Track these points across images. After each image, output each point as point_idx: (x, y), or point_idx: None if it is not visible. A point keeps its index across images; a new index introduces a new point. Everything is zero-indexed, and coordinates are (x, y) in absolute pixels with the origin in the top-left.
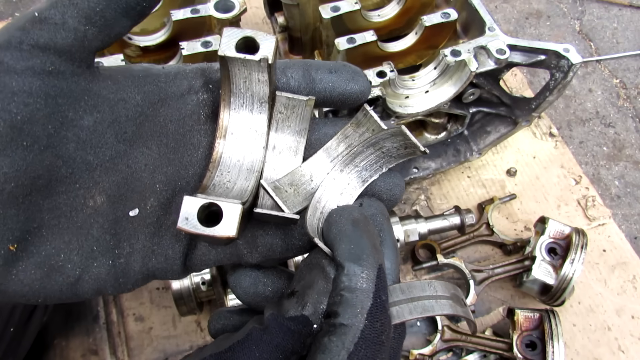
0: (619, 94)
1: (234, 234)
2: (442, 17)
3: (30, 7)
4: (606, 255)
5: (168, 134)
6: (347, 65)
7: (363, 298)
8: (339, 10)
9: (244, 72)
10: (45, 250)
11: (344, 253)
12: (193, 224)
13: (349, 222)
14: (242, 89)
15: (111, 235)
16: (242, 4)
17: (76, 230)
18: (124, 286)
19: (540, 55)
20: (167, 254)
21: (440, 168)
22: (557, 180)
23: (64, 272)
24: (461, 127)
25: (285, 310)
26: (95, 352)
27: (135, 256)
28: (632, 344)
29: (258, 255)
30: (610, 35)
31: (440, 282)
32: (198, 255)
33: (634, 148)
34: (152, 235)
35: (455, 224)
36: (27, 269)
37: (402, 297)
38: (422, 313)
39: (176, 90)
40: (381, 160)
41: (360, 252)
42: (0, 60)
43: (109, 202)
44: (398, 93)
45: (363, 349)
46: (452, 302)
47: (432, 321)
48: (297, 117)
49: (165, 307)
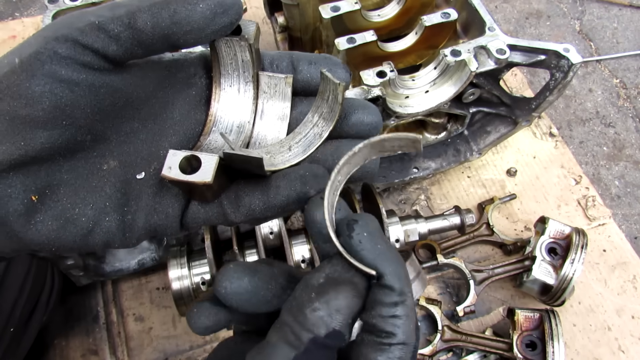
0: (619, 94)
1: (210, 179)
2: (442, 17)
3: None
4: (606, 255)
5: (175, 112)
6: (328, 57)
7: (413, 317)
8: (339, 10)
9: (230, 53)
10: (62, 204)
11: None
12: (175, 172)
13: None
14: (229, 69)
15: (121, 194)
16: (242, 4)
17: (91, 188)
18: (129, 240)
19: (540, 55)
20: (167, 211)
21: (440, 168)
22: (557, 180)
23: (78, 224)
24: (461, 127)
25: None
26: (95, 352)
27: (140, 213)
28: (632, 344)
29: (240, 215)
30: (610, 35)
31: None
32: (191, 214)
33: (634, 148)
34: (154, 195)
35: (455, 224)
36: (45, 220)
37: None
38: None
39: (184, 75)
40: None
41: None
42: (56, 51)
43: (121, 166)
44: (398, 93)
45: None
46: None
47: (432, 321)
48: (279, 95)
49: (165, 307)
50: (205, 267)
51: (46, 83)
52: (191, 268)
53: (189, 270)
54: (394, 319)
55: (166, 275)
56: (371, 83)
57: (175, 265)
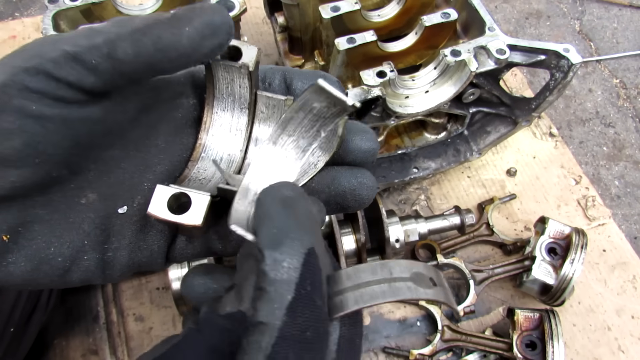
0: (619, 94)
1: (200, 222)
2: (442, 17)
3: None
4: (606, 255)
5: (159, 136)
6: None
7: (282, 290)
8: (339, 10)
9: (227, 77)
10: (36, 243)
11: (265, 239)
12: (163, 211)
13: (276, 202)
14: (224, 94)
15: (101, 231)
16: (242, 4)
17: (68, 225)
18: (110, 277)
19: (540, 55)
20: (152, 249)
21: (440, 168)
22: (557, 180)
23: (54, 264)
24: (461, 127)
25: (222, 307)
26: (95, 352)
27: (122, 251)
28: (632, 344)
29: (231, 249)
30: (610, 35)
31: (397, 262)
32: (177, 249)
33: (634, 148)
34: (138, 231)
35: (455, 224)
36: (17, 261)
37: (349, 284)
38: (370, 301)
39: (169, 96)
40: (316, 124)
41: (282, 237)
42: (25, 84)
43: (100, 199)
44: (398, 93)
45: (283, 349)
46: (411, 284)
47: (432, 321)
48: (277, 117)
49: (165, 307)
50: None
51: (15, 119)
52: (198, 264)
53: None
54: (259, 291)
55: (166, 275)
56: (371, 83)
57: (176, 265)
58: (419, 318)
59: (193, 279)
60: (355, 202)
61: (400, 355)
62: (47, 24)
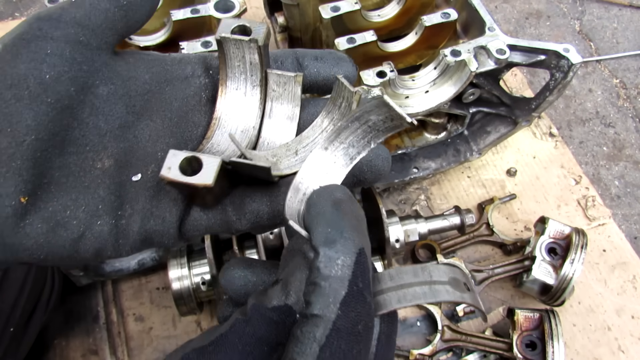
0: (619, 94)
1: (211, 182)
2: (442, 17)
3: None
4: (606, 255)
5: (172, 110)
6: (333, 52)
7: (337, 286)
8: (339, 10)
9: (238, 54)
10: (53, 206)
11: (319, 237)
12: (174, 173)
13: (329, 203)
14: (236, 72)
15: (115, 197)
16: (242, 4)
17: (83, 189)
18: (122, 247)
19: (540, 55)
20: (165, 216)
21: (440, 168)
22: (557, 180)
23: (69, 228)
24: (461, 127)
25: (268, 300)
26: (95, 352)
27: (135, 217)
28: (632, 344)
29: (246, 222)
30: (610, 35)
31: (436, 266)
32: (191, 221)
33: (634, 148)
34: (151, 198)
35: (455, 224)
36: (34, 223)
37: (391, 284)
38: (412, 301)
39: (181, 73)
40: (368, 135)
41: (337, 236)
42: (40, 28)
43: (116, 165)
44: (398, 93)
45: (336, 340)
46: (449, 288)
47: (432, 321)
48: (288, 94)
49: (165, 307)
50: (206, 267)
51: (31, 60)
52: (191, 268)
53: (189, 270)
54: (312, 286)
55: (166, 275)
56: (371, 83)
57: (176, 265)
58: (419, 318)
59: (234, 271)
60: (372, 173)
61: (400, 355)
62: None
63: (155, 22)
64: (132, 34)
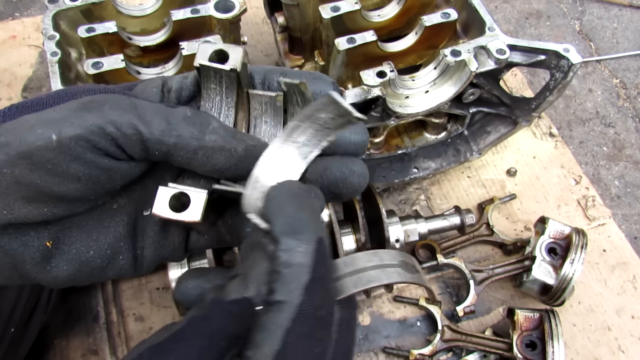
0: (619, 94)
1: (199, 218)
2: (442, 17)
3: (29, 8)
4: (606, 255)
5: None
6: (319, 76)
7: (299, 273)
8: (339, 10)
9: (215, 78)
10: (76, 247)
11: (280, 227)
12: (165, 211)
13: (287, 196)
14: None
15: (133, 231)
16: (242, 4)
17: (103, 229)
18: (138, 272)
19: (540, 55)
20: (174, 244)
21: (440, 168)
22: (557, 180)
23: (93, 266)
24: (461, 127)
25: (227, 294)
26: (95, 352)
27: (149, 249)
28: (632, 344)
29: (238, 239)
30: (610, 35)
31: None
32: (192, 242)
33: (634, 148)
34: (160, 230)
35: (455, 224)
36: (59, 265)
37: (346, 270)
38: (367, 284)
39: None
40: (319, 134)
41: (297, 225)
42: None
43: (130, 202)
44: (398, 93)
45: (300, 324)
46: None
47: (432, 321)
48: (270, 113)
49: (165, 307)
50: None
51: (85, 168)
52: (191, 268)
53: None
54: (275, 274)
55: (166, 276)
56: (371, 83)
57: (176, 265)
58: (419, 318)
59: (187, 283)
60: (347, 189)
61: (400, 355)
62: (47, 24)
63: (156, 22)
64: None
